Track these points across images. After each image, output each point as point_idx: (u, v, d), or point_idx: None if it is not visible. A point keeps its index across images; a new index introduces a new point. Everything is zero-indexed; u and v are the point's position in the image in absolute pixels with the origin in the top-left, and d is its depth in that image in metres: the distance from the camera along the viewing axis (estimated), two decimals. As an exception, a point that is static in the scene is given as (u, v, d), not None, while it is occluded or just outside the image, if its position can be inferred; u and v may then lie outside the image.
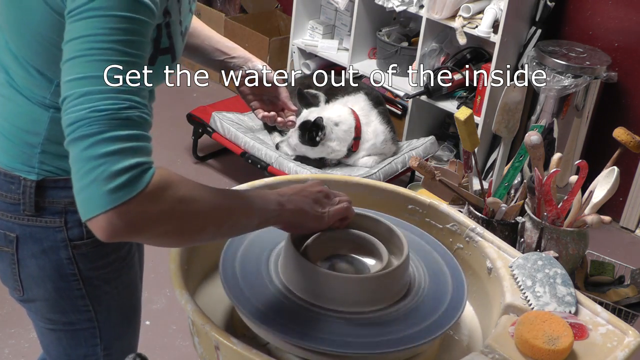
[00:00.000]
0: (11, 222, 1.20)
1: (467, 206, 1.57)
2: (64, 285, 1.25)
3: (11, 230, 1.21)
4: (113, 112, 0.91)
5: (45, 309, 1.29)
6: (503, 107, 1.56)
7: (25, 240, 1.22)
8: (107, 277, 1.29)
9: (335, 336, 1.04)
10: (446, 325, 1.10)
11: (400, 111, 3.57)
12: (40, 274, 1.24)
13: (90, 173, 0.89)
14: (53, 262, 1.23)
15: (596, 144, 3.27)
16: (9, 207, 1.20)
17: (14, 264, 1.24)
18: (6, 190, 1.19)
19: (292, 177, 1.45)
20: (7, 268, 1.25)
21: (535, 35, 3.28)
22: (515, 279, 1.21)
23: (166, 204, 0.93)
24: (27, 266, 1.24)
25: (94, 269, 1.26)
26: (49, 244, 1.22)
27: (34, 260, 1.23)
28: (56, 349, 1.36)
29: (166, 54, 1.14)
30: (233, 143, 3.25)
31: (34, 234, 1.21)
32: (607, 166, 1.52)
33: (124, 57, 0.93)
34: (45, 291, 1.26)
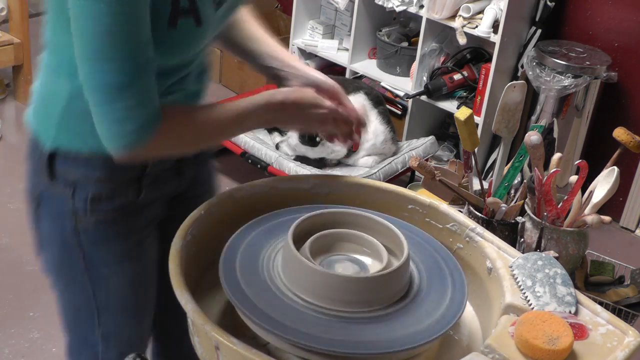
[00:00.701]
0: (36, 181, 1.30)
1: (467, 206, 1.57)
2: (67, 253, 1.31)
3: (35, 188, 1.30)
4: None
5: (53, 272, 1.36)
6: (503, 107, 1.56)
7: (44, 201, 1.30)
8: (108, 261, 1.32)
9: (335, 336, 1.04)
10: (446, 325, 1.10)
11: (400, 111, 3.57)
12: (50, 235, 1.32)
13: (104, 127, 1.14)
14: (60, 229, 1.30)
15: (596, 144, 3.27)
16: (34, 169, 1.29)
17: (35, 220, 1.33)
18: (32, 152, 1.29)
19: (292, 177, 1.45)
20: (32, 222, 1.34)
21: (535, 35, 3.28)
22: (515, 279, 1.20)
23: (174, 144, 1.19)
24: (43, 224, 1.32)
25: (95, 248, 1.30)
26: (59, 209, 1.28)
27: (48, 222, 1.31)
28: (64, 319, 1.42)
29: (187, 16, 1.14)
30: (233, 143, 3.25)
31: (51, 197, 1.29)
32: (607, 166, 1.52)
33: None
34: (53, 254, 1.33)
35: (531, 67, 3.09)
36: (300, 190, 1.37)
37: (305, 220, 1.19)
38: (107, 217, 1.29)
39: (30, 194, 1.32)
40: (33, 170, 1.30)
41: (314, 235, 1.17)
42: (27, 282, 2.58)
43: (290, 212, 1.29)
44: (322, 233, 1.19)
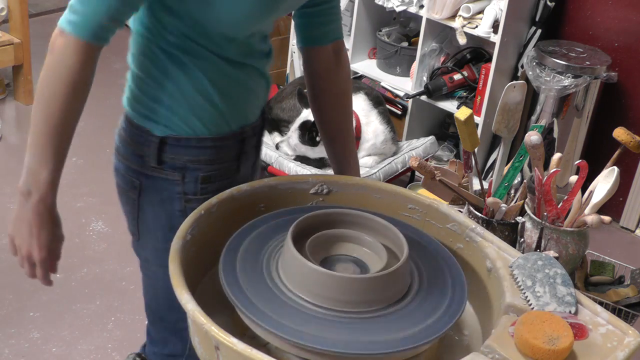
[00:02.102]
0: (138, 171, 1.32)
1: (467, 206, 1.57)
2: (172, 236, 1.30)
3: (137, 178, 1.33)
4: None
5: (152, 258, 1.39)
6: (503, 107, 1.56)
7: (148, 189, 1.33)
8: None
9: (335, 336, 1.04)
10: (446, 325, 1.10)
11: (400, 111, 3.57)
12: (154, 222, 1.35)
13: None
14: (167, 213, 1.34)
15: (596, 144, 3.27)
16: (136, 158, 1.32)
17: (135, 210, 1.36)
18: (136, 141, 1.31)
19: (292, 177, 1.45)
20: (130, 212, 1.38)
21: (535, 35, 3.28)
22: (515, 279, 1.21)
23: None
24: (145, 213, 1.35)
25: None
26: (166, 194, 1.32)
27: (152, 209, 1.34)
28: (153, 307, 1.45)
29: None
30: (233, 143, 3.25)
31: (155, 184, 1.32)
32: (607, 166, 1.52)
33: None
34: (155, 240, 1.36)
35: (531, 67, 3.09)
36: (300, 190, 1.37)
37: (305, 220, 1.19)
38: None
39: (127, 185, 1.34)
40: (133, 160, 1.32)
41: (314, 235, 1.17)
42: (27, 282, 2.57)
43: (290, 212, 1.29)
44: (322, 233, 1.19)
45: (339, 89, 1.50)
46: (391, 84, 3.56)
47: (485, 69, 3.25)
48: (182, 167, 1.31)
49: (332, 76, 1.48)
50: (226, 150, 1.35)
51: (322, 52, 1.45)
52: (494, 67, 3.19)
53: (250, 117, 1.38)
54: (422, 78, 3.43)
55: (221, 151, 1.34)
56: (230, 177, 1.38)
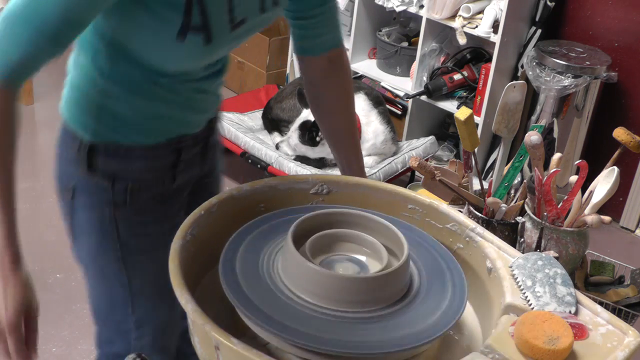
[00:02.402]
0: (71, 173, 1.31)
1: (467, 206, 1.57)
2: (104, 242, 1.33)
3: (71, 179, 1.31)
4: None
5: (88, 261, 1.38)
6: (503, 107, 1.56)
7: (81, 192, 1.31)
8: (144, 247, 1.36)
9: (336, 336, 1.04)
10: (446, 325, 1.10)
11: (400, 111, 3.57)
12: (87, 226, 1.33)
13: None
14: (98, 217, 1.32)
15: (596, 144, 3.27)
16: (70, 161, 1.30)
17: (69, 211, 1.35)
18: (69, 144, 1.30)
19: (292, 177, 1.45)
20: (66, 214, 1.36)
21: (535, 35, 3.28)
22: (515, 279, 1.20)
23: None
24: (78, 215, 1.34)
25: (132, 235, 1.33)
26: (97, 199, 1.31)
27: (84, 212, 1.32)
28: (98, 310, 1.44)
29: (198, 32, 1.14)
30: (233, 143, 3.25)
31: (87, 188, 1.30)
32: (607, 166, 1.52)
33: None
34: (89, 244, 1.35)
35: (531, 67, 3.09)
36: (300, 190, 1.37)
37: (305, 220, 1.19)
38: (146, 205, 1.33)
39: (63, 186, 1.33)
40: (67, 162, 1.31)
41: (314, 235, 1.17)
42: (27, 282, 2.58)
43: (290, 212, 1.29)
44: (322, 233, 1.19)
45: (337, 94, 1.48)
46: (391, 84, 3.56)
47: (485, 69, 3.25)
48: (112, 175, 1.29)
49: (329, 83, 1.46)
50: (159, 160, 1.32)
51: (317, 61, 1.44)
52: (494, 67, 3.19)
53: (191, 128, 1.36)
54: (422, 78, 3.43)
55: (153, 161, 1.31)
56: (164, 187, 1.35)
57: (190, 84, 1.29)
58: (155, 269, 1.36)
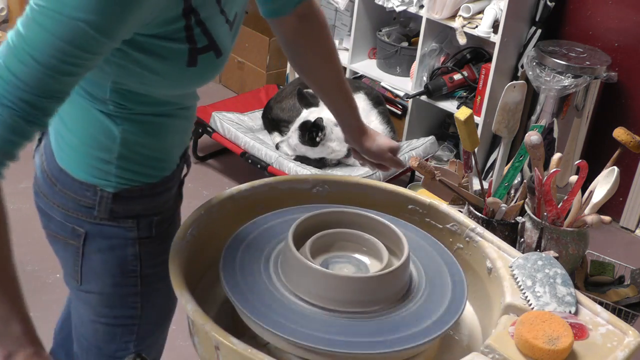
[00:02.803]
0: (82, 219, 1.23)
1: (467, 206, 1.57)
2: (123, 281, 1.28)
3: (80, 226, 1.23)
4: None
5: (96, 302, 1.31)
6: (503, 107, 1.56)
7: (94, 237, 1.24)
8: (163, 274, 1.31)
9: (336, 336, 1.04)
10: (446, 325, 1.10)
11: (400, 111, 3.57)
12: (102, 268, 1.26)
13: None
14: (118, 258, 1.26)
15: (596, 144, 3.27)
16: (81, 209, 1.22)
17: (77, 257, 1.27)
18: (81, 195, 1.21)
19: (292, 177, 1.45)
20: (70, 258, 1.28)
21: (535, 35, 3.28)
22: (515, 279, 1.21)
23: None
24: (90, 260, 1.26)
25: (153, 265, 1.29)
26: (117, 241, 1.24)
27: (100, 255, 1.26)
28: (88, 340, 1.38)
29: (207, 51, 1.12)
30: (233, 143, 3.25)
31: (104, 232, 1.24)
32: (607, 166, 1.52)
33: None
34: (103, 285, 1.28)
35: (531, 67, 3.09)
36: (300, 190, 1.37)
37: (305, 220, 1.19)
38: (168, 232, 1.29)
39: (67, 234, 1.25)
40: (74, 212, 1.23)
41: (314, 235, 1.17)
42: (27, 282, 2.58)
43: (290, 212, 1.29)
44: (322, 233, 1.19)
45: (315, 47, 1.43)
46: (391, 84, 3.56)
47: (485, 69, 3.25)
48: (136, 215, 1.24)
49: (305, 39, 1.41)
50: (174, 185, 1.30)
51: (289, 20, 1.37)
52: (494, 67, 3.19)
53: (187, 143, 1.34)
54: (422, 78, 3.43)
55: (170, 190, 1.29)
56: (176, 207, 1.34)
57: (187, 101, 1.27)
58: (167, 293, 1.33)
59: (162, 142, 1.23)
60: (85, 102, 1.17)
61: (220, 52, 1.14)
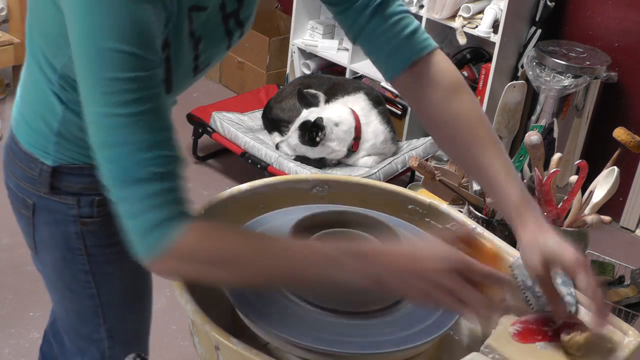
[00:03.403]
0: (30, 190, 1.27)
1: (467, 206, 1.58)
2: (70, 256, 1.31)
3: (29, 198, 1.28)
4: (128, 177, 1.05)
5: (52, 275, 1.36)
6: (503, 107, 1.56)
7: (41, 209, 1.28)
8: (111, 257, 1.33)
9: (335, 336, 1.04)
10: (446, 325, 1.10)
11: (400, 111, 3.57)
12: (51, 241, 1.31)
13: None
14: (62, 233, 1.29)
15: (596, 144, 3.27)
16: (28, 179, 1.27)
17: (30, 227, 1.32)
18: (26, 166, 1.26)
19: (292, 177, 1.45)
20: (25, 228, 1.34)
21: (535, 35, 3.28)
22: (515, 279, 1.20)
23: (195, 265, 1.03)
24: (40, 231, 1.31)
25: (99, 246, 1.31)
26: (60, 216, 1.28)
27: (47, 228, 1.30)
28: (65, 321, 1.42)
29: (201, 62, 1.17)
30: (233, 143, 3.25)
31: (48, 205, 1.27)
32: (607, 166, 1.52)
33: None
34: (54, 258, 1.32)
35: (531, 67, 3.09)
36: (300, 190, 1.37)
37: (306, 220, 1.19)
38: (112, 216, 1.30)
39: (19, 202, 1.30)
40: (23, 181, 1.27)
41: (314, 235, 1.17)
42: (27, 282, 2.58)
43: (290, 212, 1.29)
44: (323, 233, 1.19)
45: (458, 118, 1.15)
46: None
47: (485, 69, 3.25)
48: (77, 193, 1.26)
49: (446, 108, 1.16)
50: None
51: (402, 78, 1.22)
52: (494, 67, 3.19)
53: None
54: (422, 78, 3.43)
55: None
56: None
57: None
58: (123, 277, 1.36)
59: None
60: (39, 74, 1.19)
61: (169, 90, 1.14)
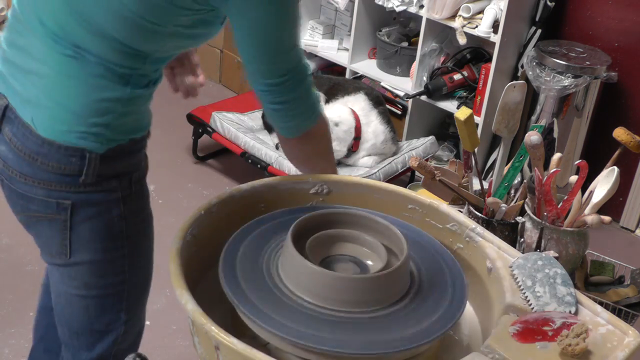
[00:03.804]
0: (65, 191, 1.27)
1: (467, 206, 1.57)
2: (112, 244, 1.33)
3: (65, 199, 1.27)
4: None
5: (86, 273, 1.35)
6: (503, 107, 1.56)
7: (81, 206, 1.28)
8: (144, 231, 1.39)
9: (336, 336, 1.04)
10: (446, 325, 1.10)
11: (400, 111, 3.57)
12: (92, 236, 1.31)
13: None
14: (106, 222, 1.31)
15: (596, 144, 3.27)
16: (65, 179, 1.26)
17: (65, 230, 1.30)
18: (65, 163, 1.25)
19: (292, 177, 1.45)
20: (56, 234, 1.31)
21: (535, 35, 3.28)
22: (515, 279, 1.21)
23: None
24: (79, 229, 1.30)
25: (136, 223, 1.36)
26: (103, 206, 1.30)
27: (88, 224, 1.30)
28: (80, 320, 1.41)
29: None
30: (233, 143, 3.25)
31: (89, 199, 1.28)
32: (607, 166, 1.52)
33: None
34: (94, 253, 1.33)
35: (531, 67, 3.09)
36: (300, 190, 1.37)
37: (305, 220, 1.19)
38: (143, 189, 1.37)
39: (52, 209, 1.28)
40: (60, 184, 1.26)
41: (314, 235, 1.17)
42: (27, 282, 2.58)
43: (290, 212, 1.29)
44: (322, 233, 1.19)
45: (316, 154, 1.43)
46: (391, 84, 3.56)
47: (485, 69, 3.25)
48: (118, 174, 1.30)
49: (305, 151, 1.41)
50: (145, 143, 1.38)
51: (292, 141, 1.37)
52: (494, 67, 3.19)
53: None
54: (422, 78, 3.43)
55: (144, 147, 1.37)
56: (145, 165, 1.39)
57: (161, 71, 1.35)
58: (148, 250, 1.42)
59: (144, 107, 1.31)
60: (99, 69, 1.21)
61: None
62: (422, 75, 3.43)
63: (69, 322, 1.42)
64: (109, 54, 1.21)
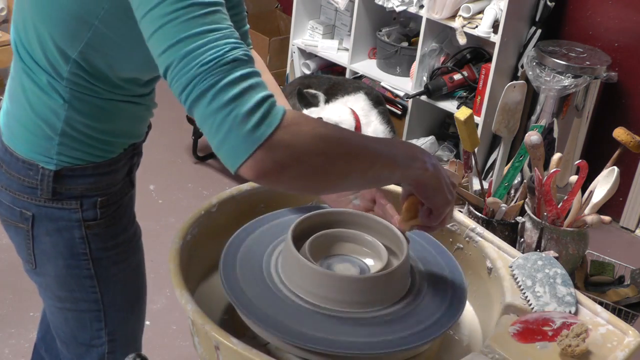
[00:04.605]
0: (27, 202, 1.25)
1: (467, 206, 1.58)
2: (74, 263, 1.30)
3: (27, 209, 1.26)
4: (219, 59, 0.90)
5: (54, 285, 1.33)
6: (503, 107, 1.56)
7: (41, 219, 1.27)
8: (115, 258, 1.33)
9: (336, 336, 1.04)
10: (446, 325, 1.10)
11: (400, 111, 3.57)
12: (53, 250, 1.29)
13: (223, 124, 0.88)
14: (66, 240, 1.28)
15: (596, 144, 3.27)
16: (26, 190, 1.24)
17: (28, 240, 1.29)
18: (24, 175, 1.24)
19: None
20: (22, 242, 1.31)
21: (535, 35, 3.28)
22: (515, 279, 1.21)
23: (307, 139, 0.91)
24: (41, 242, 1.29)
25: (104, 249, 1.31)
26: (63, 223, 1.26)
27: (48, 238, 1.28)
28: (64, 330, 1.40)
29: None
30: (233, 143, 3.25)
31: (49, 214, 1.26)
32: (607, 166, 1.52)
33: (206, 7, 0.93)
34: (56, 267, 1.30)
35: (531, 67, 3.09)
36: (300, 190, 1.37)
37: (305, 220, 1.19)
38: (114, 216, 1.31)
39: (15, 217, 1.28)
40: (20, 193, 1.25)
41: (314, 235, 1.17)
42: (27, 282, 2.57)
43: (290, 212, 1.29)
44: (322, 233, 1.19)
45: None
46: (391, 84, 3.56)
47: (485, 69, 3.25)
48: (79, 196, 1.25)
49: None
50: (120, 169, 1.30)
51: None
52: (494, 67, 3.19)
53: (139, 135, 1.35)
54: (422, 78, 3.43)
55: (116, 173, 1.29)
56: (125, 193, 1.34)
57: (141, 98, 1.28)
58: (125, 277, 1.37)
59: (108, 125, 1.24)
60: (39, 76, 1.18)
61: None
62: (422, 75, 3.43)
63: (57, 331, 1.42)
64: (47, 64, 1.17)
